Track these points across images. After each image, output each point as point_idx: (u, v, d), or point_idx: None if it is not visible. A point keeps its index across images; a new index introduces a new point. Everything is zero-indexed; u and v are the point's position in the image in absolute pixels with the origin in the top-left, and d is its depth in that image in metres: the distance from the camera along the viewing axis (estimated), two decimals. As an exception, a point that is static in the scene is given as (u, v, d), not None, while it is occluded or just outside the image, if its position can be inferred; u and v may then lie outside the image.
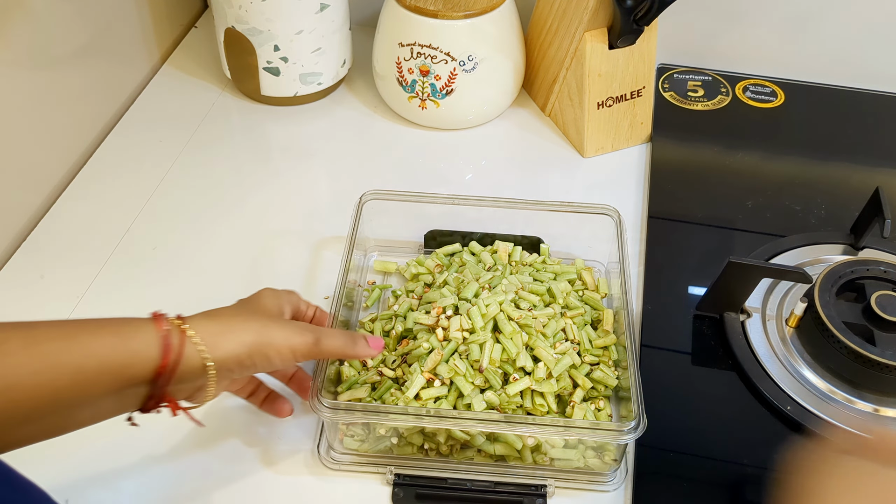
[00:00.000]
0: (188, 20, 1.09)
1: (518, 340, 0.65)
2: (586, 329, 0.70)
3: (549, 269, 0.75)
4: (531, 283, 0.72)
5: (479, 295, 0.68)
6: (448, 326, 0.66)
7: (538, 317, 0.68)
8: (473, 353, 0.64)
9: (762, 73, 1.02)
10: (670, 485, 0.64)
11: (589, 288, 0.74)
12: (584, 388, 0.65)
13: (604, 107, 0.90)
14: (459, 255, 0.76)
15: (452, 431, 0.62)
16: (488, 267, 0.74)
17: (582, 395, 0.65)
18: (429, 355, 0.65)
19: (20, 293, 0.76)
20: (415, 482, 0.62)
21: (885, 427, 0.53)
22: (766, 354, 0.71)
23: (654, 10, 0.82)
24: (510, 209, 0.76)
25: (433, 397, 0.63)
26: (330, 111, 0.98)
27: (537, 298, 0.70)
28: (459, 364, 0.63)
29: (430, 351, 0.65)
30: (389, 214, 0.77)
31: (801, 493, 0.49)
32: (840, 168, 0.92)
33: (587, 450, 0.63)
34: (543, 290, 0.71)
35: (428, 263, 0.76)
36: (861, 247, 0.79)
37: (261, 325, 0.56)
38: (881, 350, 0.67)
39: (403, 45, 0.89)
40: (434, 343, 0.65)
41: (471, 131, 0.95)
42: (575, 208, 0.75)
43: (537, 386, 0.63)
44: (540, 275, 0.74)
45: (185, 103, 0.97)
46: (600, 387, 0.66)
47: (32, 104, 0.82)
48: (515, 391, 0.63)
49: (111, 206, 0.85)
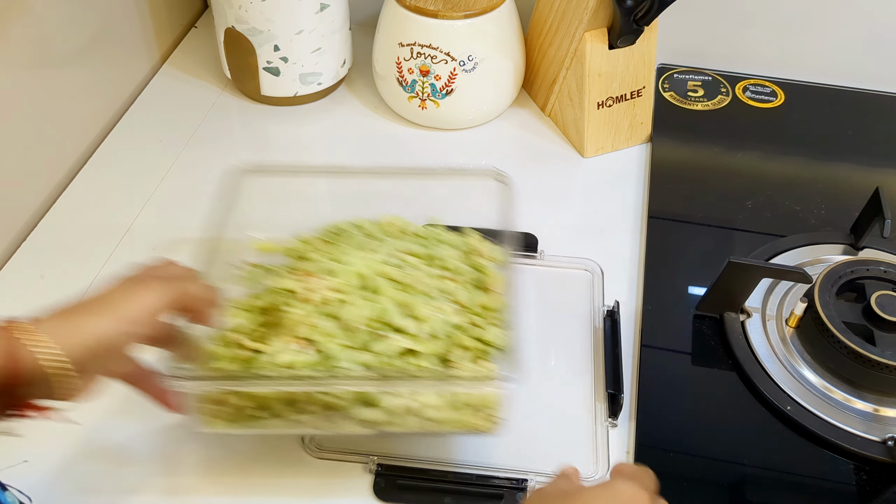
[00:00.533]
0: (188, 20, 1.09)
1: (394, 299, 0.61)
2: (474, 291, 0.65)
3: (438, 238, 0.70)
4: (415, 248, 0.67)
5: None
6: (315, 288, 0.61)
7: (418, 276, 0.63)
8: (345, 313, 0.59)
9: (762, 73, 1.02)
10: (670, 485, 0.64)
11: (480, 254, 0.69)
12: (469, 349, 0.61)
13: (604, 107, 0.90)
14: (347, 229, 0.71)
15: (323, 399, 0.58)
16: (372, 237, 0.70)
17: (468, 356, 0.61)
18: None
19: (20, 293, 0.76)
20: (396, 473, 0.62)
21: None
22: (766, 354, 0.71)
23: (654, 10, 0.82)
24: (400, 178, 0.73)
25: (301, 362, 0.58)
26: (330, 111, 0.98)
27: (419, 261, 0.66)
28: (326, 324, 0.59)
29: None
30: (270, 194, 0.72)
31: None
32: (840, 168, 0.92)
33: (466, 408, 0.59)
34: (426, 253, 0.67)
35: (313, 238, 0.70)
36: (861, 247, 0.79)
37: (113, 306, 0.53)
38: (881, 350, 0.67)
39: (403, 45, 0.89)
40: (300, 306, 0.60)
41: (471, 131, 0.95)
42: (459, 174, 0.73)
43: (415, 345, 0.59)
44: (428, 242, 0.69)
45: (185, 103, 0.97)
46: (489, 347, 0.62)
47: (32, 104, 0.82)
48: (389, 350, 0.58)
49: (111, 206, 0.85)
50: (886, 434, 0.65)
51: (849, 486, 0.64)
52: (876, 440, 0.65)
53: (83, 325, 0.52)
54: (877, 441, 0.65)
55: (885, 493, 0.64)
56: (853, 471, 0.64)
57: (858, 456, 0.65)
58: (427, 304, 0.62)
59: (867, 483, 0.64)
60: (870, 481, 0.64)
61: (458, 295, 0.64)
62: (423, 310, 0.61)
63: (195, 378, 0.57)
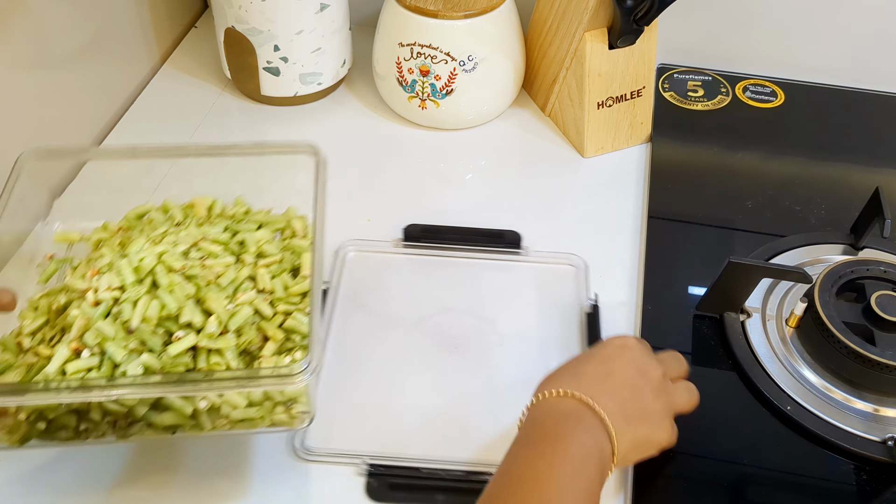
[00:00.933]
0: (188, 20, 1.09)
1: (180, 293, 0.57)
2: (282, 277, 0.62)
3: (253, 220, 0.67)
4: (218, 233, 0.63)
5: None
6: (97, 286, 0.57)
7: (211, 266, 0.59)
8: (125, 312, 0.56)
9: (762, 73, 1.02)
10: (670, 485, 0.64)
11: (298, 236, 0.67)
12: (274, 339, 0.58)
13: (604, 107, 0.90)
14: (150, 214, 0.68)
15: (105, 405, 0.54)
16: (177, 223, 0.65)
17: (274, 347, 0.58)
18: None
19: (20, 293, 0.76)
20: (389, 472, 0.62)
21: None
22: (766, 354, 0.71)
23: (654, 10, 0.82)
24: (215, 157, 0.68)
25: (81, 370, 0.54)
26: (330, 111, 0.98)
27: (219, 248, 0.62)
28: (106, 328, 0.55)
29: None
30: (84, 179, 0.68)
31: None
32: (840, 168, 0.92)
33: (273, 405, 0.57)
34: (228, 239, 0.63)
35: (113, 227, 0.67)
36: (861, 247, 0.79)
37: None
38: (881, 350, 0.67)
39: (403, 45, 0.89)
40: (84, 309, 0.56)
41: (471, 131, 0.95)
42: (272, 150, 0.68)
43: (210, 342, 0.56)
44: (240, 226, 0.65)
45: (185, 103, 0.97)
46: (296, 336, 0.59)
47: (32, 104, 0.82)
48: (178, 350, 0.55)
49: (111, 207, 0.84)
50: (886, 434, 0.65)
51: (849, 486, 0.64)
52: (876, 440, 0.65)
53: None
54: (877, 441, 0.65)
55: (885, 493, 0.63)
56: (853, 471, 0.64)
57: (858, 456, 0.65)
58: (222, 296, 0.58)
59: (867, 483, 0.64)
60: (870, 481, 0.64)
61: (265, 282, 0.61)
62: (217, 304, 0.57)
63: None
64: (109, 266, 0.58)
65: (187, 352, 0.56)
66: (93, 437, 0.56)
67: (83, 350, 0.55)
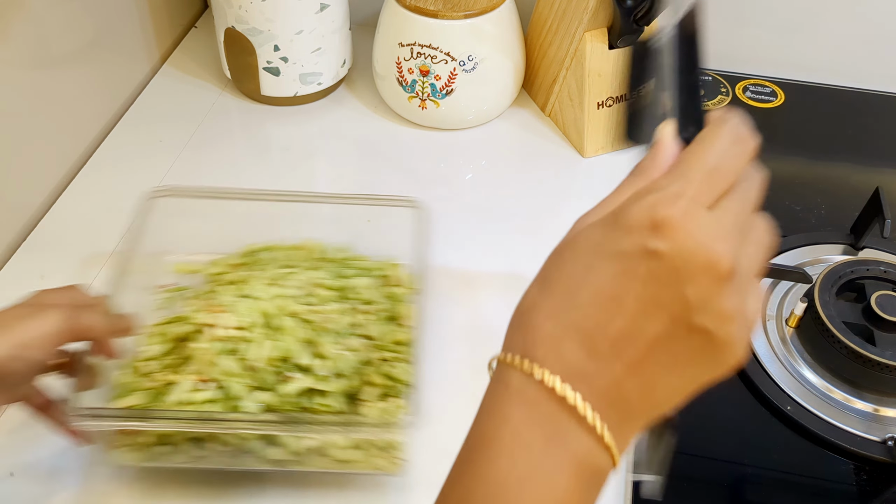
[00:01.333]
0: (188, 20, 1.09)
1: (296, 336, 0.60)
2: (385, 325, 0.65)
3: (356, 265, 0.70)
4: (328, 278, 0.67)
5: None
6: (220, 324, 0.60)
7: (323, 312, 0.63)
8: (247, 351, 0.59)
9: (762, 73, 1.02)
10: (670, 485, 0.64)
11: (395, 284, 0.69)
12: (377, 385, 0.61)
13: (604, 107, 0.90)
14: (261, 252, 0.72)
15: (225, 437, 0.58)
16: (287, 265, 0.69)
17: (375, 393, 0.60)
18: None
19: (20, 293, 0.76)
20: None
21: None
22: (766, 354, 0.71)
23: (654, 10, 0.82)
24: (321, 204, 0.72)
25: (205, 401, 0.58)
26: (330, 111, 0.98)
27: (330, 293, 0.65)
28: (229, 363, 0.58)
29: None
30: (187, 215, 0.72)
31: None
32: (840, 168, 0.92)
33: (373, 449, 0.59)
34: (339, 285, 0.66)
35: (228, 262, 0.70)
36: (861, 247, 0.79)
37: (4, 328, 0.52)
38: (881, 350, 0.67)
39: (403, 45, 0.89)
40: (207, 343, 0.60)
41: (471, 131, 0.95)
42: (381, 202, 0.71)
43: (320, 384, 0.59)
44: (344, 272, 0.69)
45: (185, 103, 0.97)
46: (398, 384, 0.61)
47: (32, 104, 0.82)
48: (292, 390, 0.58)
49: (111, 206, 0.84)
50: (886, 434, 0.65)
51: (849, 486, 0.64)
52: (876, 440, 0.65)
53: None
54: (877, 441, 0.65)
55: (885, 493, 0.64)
56: (853, 471, 0.65)
57: (858, 456, 0.65)
58: (334, 342, 0.61)
59: (867, 483, 0.64)
60: (870, 481, 0.64)
61: (368, 329, 0.64)
62: (328, 348, 0.61)
63: (95, 415, 0.56)
64: (231, 305, 0.61)
65: (299, 392, 0.59)
66: (206, 462, 0.59)
67: (205, 382, 0.58)
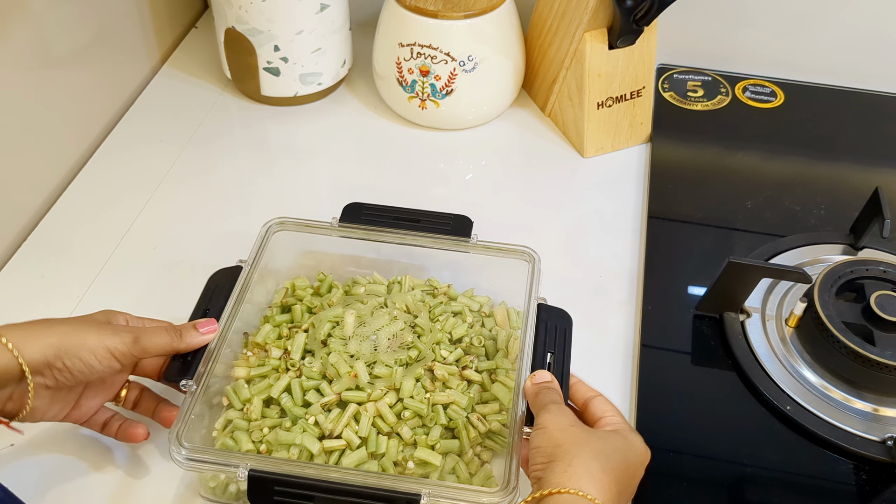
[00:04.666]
0: (188, 20, 1.09)
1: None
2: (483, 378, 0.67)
3: (456, 307, 0.72)
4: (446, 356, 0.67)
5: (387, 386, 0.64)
6: (331, 429, 0.62)
7: (441, 392, 0.65)
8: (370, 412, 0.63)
9: (762, 73, 1.02)
10: (670, 485, 0.65)
11: (498, 324, 0.72)
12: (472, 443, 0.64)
13: (604, 107, 0.90)
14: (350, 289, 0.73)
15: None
16: (386, 305, 0.70)
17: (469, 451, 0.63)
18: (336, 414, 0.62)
19: (20, 293, 0.76)
20: (271, 480, 0.57)
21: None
22: (765, 354, 0.71)
23: (654, 10, 0.82)
24: (427, 249, 0.72)
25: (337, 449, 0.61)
26: (330, 111, 0.98)
27: (450, 375, 0.66)
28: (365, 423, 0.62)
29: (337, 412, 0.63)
30: (292, 245, 0.74)
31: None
32: (840, 168, 0.92)
33: None
34: (456, 357, 0.67)
35: (330, 297, 0.72)
36: (861, 247, 0.79)
37: (70, 328, 0.55)
38: (880, 350, 0.67)
39: (403, 46, 0.89)
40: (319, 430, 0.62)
41: (471, 131, 0.95)
42: (492, 252, 0.71)
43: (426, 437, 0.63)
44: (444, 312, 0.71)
45: (185, 103, 0.97)
46: (492, 441, 0.64)
47: (32, 104, 0.82)
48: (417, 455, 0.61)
49: (111, 206, 0.85)
50: (886, 434, 0.65)
51: (849, 486, 0.64)
52: (875, 440, 0.65)
53: (37, 336, 0.54)
54: (876, 441, 0.65)
55: (885, 493, 0.64)
56: (853, 471, 0.65)
57: (858, 456, 0.65)
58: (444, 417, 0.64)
59: (867, 483, 0.64)
60: (869, 481, 0.64)
61: (469, 392, 0.65)
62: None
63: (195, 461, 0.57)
64: (353, 412, 0.63)
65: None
66: None
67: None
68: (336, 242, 0.73)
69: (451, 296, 0.73)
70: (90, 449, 0.65)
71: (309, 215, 0.73)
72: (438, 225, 0.72)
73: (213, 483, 0.61)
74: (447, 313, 0.70)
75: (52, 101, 0.85)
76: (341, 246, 0.74)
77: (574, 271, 0.80)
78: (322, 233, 0.72)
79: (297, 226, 0.72)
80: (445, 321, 0.69)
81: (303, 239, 0.73)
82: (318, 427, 0.62)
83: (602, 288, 0.78)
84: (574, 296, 0.77)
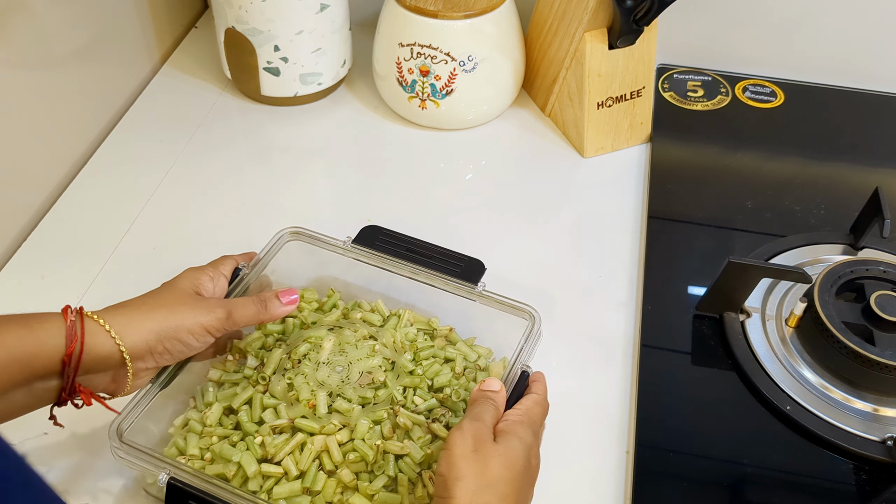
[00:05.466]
0: (188, 20, 1.09)
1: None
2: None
3: (456, 351, 0.68)
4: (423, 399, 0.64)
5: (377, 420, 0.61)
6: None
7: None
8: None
9: (762, 73, 1.02)
10: (670, 485, 0.65)
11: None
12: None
13: (604, 107, 0.90)
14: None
15: None
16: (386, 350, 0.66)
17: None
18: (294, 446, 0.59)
19: (20, 293, 0.76)
20: (188, 490, 0.56)
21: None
22: (765, 354, 0.71)
23: (654, 10, 0.82)
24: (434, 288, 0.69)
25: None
26: (330, 111, 0.98)
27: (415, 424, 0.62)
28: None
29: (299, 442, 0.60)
30: (295, 255, 0.73)
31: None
32: (840, 168, 0.92)
33: None
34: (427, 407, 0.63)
35: (324, 320, 0.69)
36: (860, 247, 0.79)
37: (167, 311, 0.57)
38: (880, 350, 0.67)
39: (403, 46, 0.89)
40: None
41: (471, 131, 0.95)
42: (493, 304, 0.67)
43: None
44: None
45: (185, 103, 0.97)
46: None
47: (32, 104, 0.82)
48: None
49: (111, 207, 0.85)
50: (886, 434, 0.65)
51: (849, 486, 0.64)
52: (875, 440, 0.65)
53: (138, 323, 0.56)
54: (876, 441, 0.65)
55: (885, 493, 0.64)
56: (853, 471, 0.65)
57: (858, 456, 0.65)
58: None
59: (867, 483, 0.64)
60: (869, 481, 0.64)
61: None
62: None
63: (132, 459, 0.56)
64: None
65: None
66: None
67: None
68: (349, 261, 0.72)
69: (451, 340, 0.69)
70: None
71: (308, 216, 0.72)
72: (450, 265, 0.69)
73: (150, 480, 0.60)
74: (433, 358, 0.66)
75: (52, 101, 0.85)
76: (355, 265, 0.72)
77: (574, 271, 0.80)
78: (334, 251, 0.71)
79: (310, 239, 0.71)
80: (429, 367, 0.65)
81: (317, 252, 0.72)
82: (263, 448, 0.59)
83: (602, 288, 0.78)
84: (574, 296, 0.77)
